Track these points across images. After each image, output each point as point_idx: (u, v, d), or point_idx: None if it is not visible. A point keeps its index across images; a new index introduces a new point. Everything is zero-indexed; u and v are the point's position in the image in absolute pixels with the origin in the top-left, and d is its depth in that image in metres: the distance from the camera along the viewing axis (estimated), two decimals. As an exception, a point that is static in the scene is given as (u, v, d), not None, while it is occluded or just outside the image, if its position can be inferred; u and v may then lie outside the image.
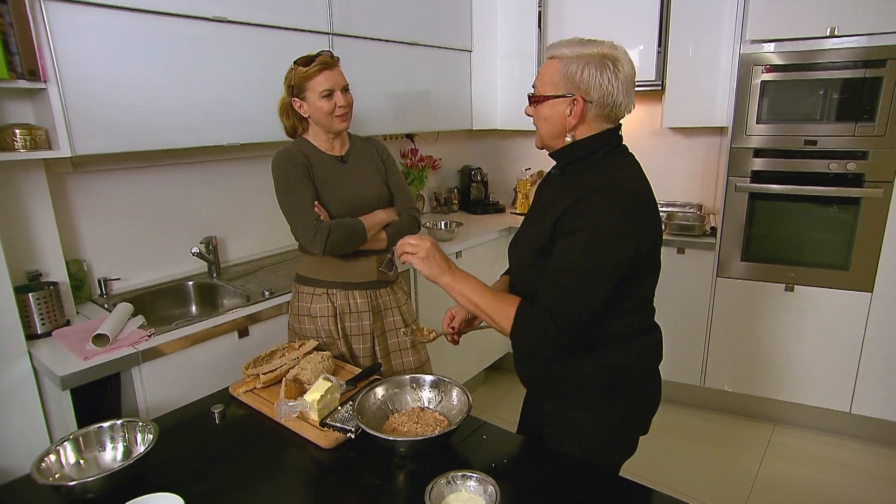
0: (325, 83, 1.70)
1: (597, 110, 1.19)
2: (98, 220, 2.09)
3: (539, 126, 1.25)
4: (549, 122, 1.22)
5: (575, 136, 1.22)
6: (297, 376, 1.45)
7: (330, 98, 1.71)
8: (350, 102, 1.76)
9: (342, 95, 1.73)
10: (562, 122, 1.20)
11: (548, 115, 1.22)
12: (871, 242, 2.49)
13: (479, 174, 3.72)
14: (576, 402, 1.29)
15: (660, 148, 3.31)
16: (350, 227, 1.73)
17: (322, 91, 1.70)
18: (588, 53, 1.16)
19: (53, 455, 1.14)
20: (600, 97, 1.16)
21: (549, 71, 1.20)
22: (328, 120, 1.74)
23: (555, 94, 1.19)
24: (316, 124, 1.78)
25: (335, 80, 1.72)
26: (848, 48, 2.37)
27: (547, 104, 1.21)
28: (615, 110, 1.19)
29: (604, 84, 1.15)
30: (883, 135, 2.38)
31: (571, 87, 1.17)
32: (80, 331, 1.75)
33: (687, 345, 2.94)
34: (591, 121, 1.20)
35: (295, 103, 1.75)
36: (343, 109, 1.74)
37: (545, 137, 1.26)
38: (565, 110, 1.19)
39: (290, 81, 1.74)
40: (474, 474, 1.05)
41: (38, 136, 1.66)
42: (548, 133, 1.24)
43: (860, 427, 2.73)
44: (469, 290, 1.24)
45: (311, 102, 1.73)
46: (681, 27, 2.83)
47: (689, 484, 2.45)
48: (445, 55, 3.10)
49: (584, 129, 1.21)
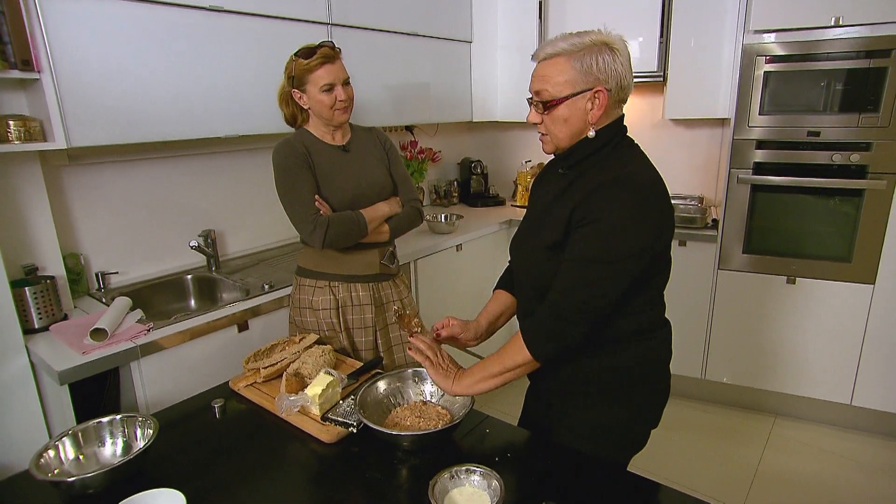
0: (326, 77, 1.68)
1: (613, 97, 1.15)
2: (95, 213, 2.07)
3: (556, 130, 1.18)
4: (569, 123, 1.16)
5: (596, 128, 1.17)
6: (298, 370, 1.44)
7: (331, 92, 1.69)
8: (351, 96, 1.74)
9: (343, 89, 1.71)
10: (583, 119, 1.16)
11: (567, 116, 1.15)
12: (874, 234, 2.48)
13: (479, 166, 3.71)
14: (588, 401, 1.28)
15: (661, 140, 3.29)
16: (350, 221, 1.71)
17: (323, 85, 1.68)
18: (590, 42, 1.12)
19: (52, 451, 1.13)
20: (617, 83, 1.14)
21: (558, 69, 1.14)
22: (328, 113, 1.72)
23: (573, 92, 1.13)
24: (316, 116, 1.77)
25: (336, 74, 1.69)
26: (852, 38, 2.35)
27: (564, 105, 1.15)
28: (626, 92, 1.17)
29: (618, 69, 1.13)
30: (887, 126, 2.36)
31: (591, 80, 1.13)
32: (77, 325, 1.73)
33: (688, 337, 2.93)
34: (609, 109, 1.16)
35: (295, 94, 1.73)
36: (343, 104, 1.72)
37: (563, 140, 1.19)
38: (586, 105, 1.14)
39: (290, 72, 1.71)
40: (478, 468, 1.04)
41: (32, 127, 1.64)
42: (566, 135, 1.18)
43: (861, 419, 2.73)
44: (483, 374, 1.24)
45: (311, 95, 1.71)
46: (683, 18, 2.80)
47: (690, 476, 2.44)
48: (445, 46, 3.08)
49: (604, 119, 1.17)
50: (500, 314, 1.49)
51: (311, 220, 1.66)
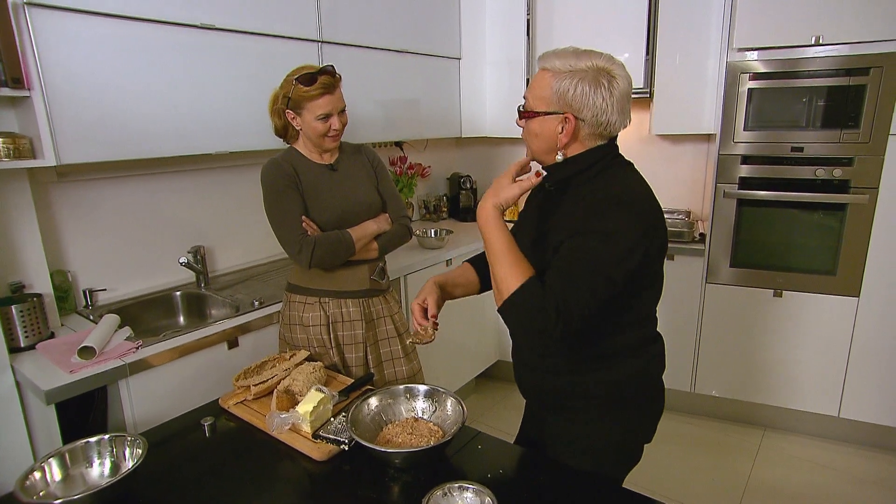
0: (324, 107, 1.68)
1: (589, 129, 1.14)
2: (83, 229, 2.05)
3: (529, 141, 1.21)
4: (539, 138, 1.18)
5: (566, 154, 1.17)
6: (289, 387, 1.43)
7: (326, 121, 1.70)
8: (345, 123, 1.75)
9: (338, 118, 1.72)
10: (553, 139, 1.16)
11: (538, 132, 1.17)
12: (858, 247, 2.52)
13: (469, 181, 3.72)
14: (583, 417, 1.28)
15: (648, 155, 3.33)
16: (336, 241, 1.71)
17: (319, 114, 1.68)
18: (582, 68, 1.11)
19: (38, 472, 1.11)
20: (593, 116, 1.12)
21: (540, 84, 1.15)
22: (319, 140, 1.74)
23: (545, 111, 1.14)
24: (306, 139, 1.77)
25: (334, 105, 1.70)
26: (832, 56, 2.41)
27: (537, 120, 1.16)
28: (608, 129, 1.15)
29: (597, 103, 1.10)
30: (867, 142, 2.41)
31: (563, 105, 1.12)
32: (65, 343, 1.72)
33: (677, 351, 2.95)
34: (583, 139, 1.16)
35: (289, 115, 1.73)
36: (337, 132, 1.73)
37: (537, 152, 1.21)
38: (556, 128, 1.14)
39: (287, 92, 1.70)
40: (471, 485, 1.04)
41: (21, 145, 1.63)
42: (538, 149, 1.20)
43: (849, 431, 2.75)
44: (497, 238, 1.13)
45: (306, 121, 1.71)
46: (668, 35, 2.86)
47: (680, 490, 2.44)
48: (434, 63, 3.11)
49: (576, 147, 1.17)
50: (459, 285, 1.42)
51: (297, 240, 1.66)
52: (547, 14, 3.13)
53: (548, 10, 3.13)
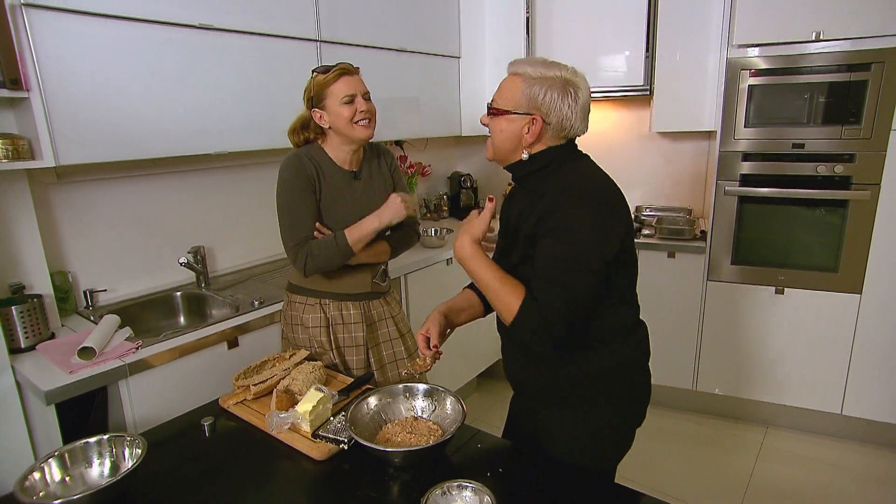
0: (345, 88, 1.64)
1: (553, 132, 1.23)
2: (83, 230, 2.06)
3: (494, 137, 1.28)
4: (504, 135, 1.25)
5: (530, 153, 1.26)
6: (289, 387, 1.43)
7: (351, 104, 1.64)
8: (372, 110, 1.70)
9: (364, 101, 1.68)
10: (518, 138, 1.24)
11: (504, 129, 1.25)
12: (860, 244, 2.51)
13: (469, 180, 3.72)
14: (570, 404, 1.31)
15: (649, 152, 3.33)
16: (330, 248, 1.66)
17: (343, 97, 1.64)
18: (552, 77, 1.19)
19: (38, 472, 1.11)
20: (559, 121, 1.20)
21: (511, 87, 1.23)
22: (349, 128, 1.66)
23: (514, 111, 1.22)
24: (337, 134, 1.71)
25: (356, 86, 1.66)
26: (833, 52, 2.40)
27: (505, 118, 1.24)
28: (570, 133, 1.24)
29: (564, 109, 1.19)
30: (869, 137, 2.40)
31: (532, 107, 1.20)
32: (65, 344, 1.72)
33: (678, 349, 2.94)
34: (546, 139, 1.24)
35: (315, 115, 1.68)
36: (365, 115, 1.67)
37: (498, 149, 1.28)
38: (523, 128, 1.22)
39: (309, 93, 1.68)
40: (470, 484, 1.04)
41: (20, 146, 1.63)
42: (501, 145, 1.27)
43: (851, 428, 2.74)
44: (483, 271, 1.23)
45: (331, 110, 1.66)
46: (668, 32, 2.85)
47: (682, 488, 2.44)
48: (434, 62, 3.10)
49: (538, 147, 1.25)
50: (463, 310, 1.48)
51: (293, 248, 1.65)
52: (546, 12, 3.13)
53: (547, 9, 3.12)
